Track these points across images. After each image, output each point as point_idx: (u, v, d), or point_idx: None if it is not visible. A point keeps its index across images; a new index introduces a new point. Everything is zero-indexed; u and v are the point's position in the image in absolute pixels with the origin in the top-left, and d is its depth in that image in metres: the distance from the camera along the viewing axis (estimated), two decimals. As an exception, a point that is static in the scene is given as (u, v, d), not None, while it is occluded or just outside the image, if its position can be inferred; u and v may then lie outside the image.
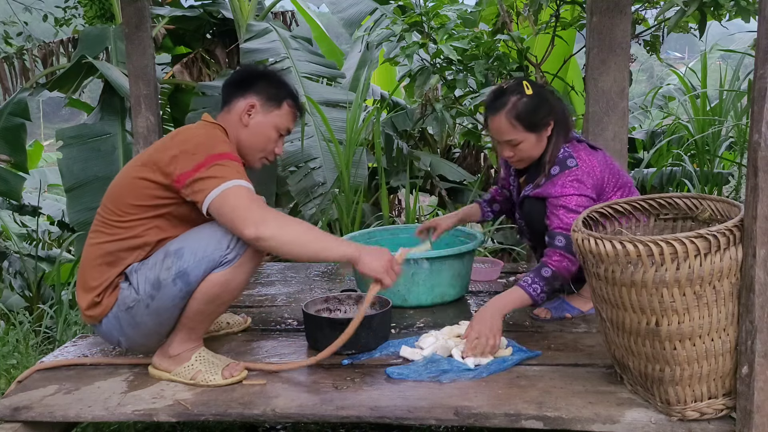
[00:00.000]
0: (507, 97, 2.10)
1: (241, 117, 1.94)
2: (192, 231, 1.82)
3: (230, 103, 1.96)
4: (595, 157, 2.17)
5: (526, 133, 2.11)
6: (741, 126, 4.19)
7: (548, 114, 2.13)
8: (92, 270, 1.85)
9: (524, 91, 2.09)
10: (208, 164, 1.73)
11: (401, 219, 4.78)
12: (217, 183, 1.72)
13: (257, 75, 1.99)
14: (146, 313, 1.80)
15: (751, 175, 1.43)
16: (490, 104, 2.14)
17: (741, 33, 4.80)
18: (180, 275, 1.75)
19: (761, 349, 1.45)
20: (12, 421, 1.77)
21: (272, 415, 1.69)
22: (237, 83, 1.98)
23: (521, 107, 2.08)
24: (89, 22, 5.53)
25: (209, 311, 1.84)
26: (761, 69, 1.40)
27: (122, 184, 1.87)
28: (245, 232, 1.69)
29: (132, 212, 1.82)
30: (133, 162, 1.91)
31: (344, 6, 5.11)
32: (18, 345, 2.94)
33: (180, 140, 1.82)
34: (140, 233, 1.82)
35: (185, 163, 1.75)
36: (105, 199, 1.89)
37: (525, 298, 2.04)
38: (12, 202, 4.69)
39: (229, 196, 1.71)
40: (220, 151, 1.77)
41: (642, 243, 1.47)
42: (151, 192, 1.81)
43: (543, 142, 2.15)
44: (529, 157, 2.18)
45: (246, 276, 1.83)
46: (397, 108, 5.04)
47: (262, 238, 1.69)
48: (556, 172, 2.13)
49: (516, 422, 1.61)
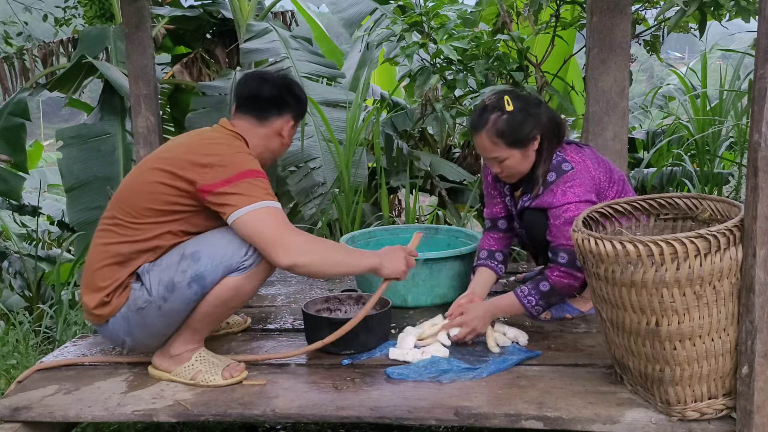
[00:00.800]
0: (488, 114, 2.05)
1: (280, 133, 1.99)
2: (208, 234, 1.82)
3: (265, 117, 1.96)
4: (587, 156, 2.13)
5: (509, 149, 2.05)
6: (741, 126, 4.19)
7: (533, 129, 2.05)
8: (101, 270, 1.83)
9: (504, 107, 2.04)
10: (239, 180, 1.75)
11: (401, 219, 4.77)
12: (247, 201, 1.74)
13: (289, 92, 2.00)
14: (157, 315, 1.80)
15: (751, 175, 1.43)
16: (472, 122, 2.11)
17: (741, 33, 4.80)
18: (196, 279, 1.76)
19: (761, 349, 1.45)
20: (12, 421, 1.77)
21: (272, 415, 1.69)
22: (275, 100, 1.97)
23: (501, 124, 2.02)
24: (89, 22, 5.53)
25: (217, 314, 1.85)
26: (761, 69, 1.40)
27: (138, 187, 1.85)
28: (281, 261, 1.73)
29: (147, 215, 1.82)
30: (150, 164, 1.88)
31: (344, 6, 5.11)
32: (18, 345, 2.94)
33: (206, 149, 1.81)
34: (153, 237, 1.82)
35: (214, 174, 1.76)
36: (117, 199, 1.88)
37: (518, 307, 2.07)
38: (12, 202, 4.68)
39: (258, 218, 1.73)
40: (250, 168, 1.80)
41: (642, 243, 1.47)
42: (170, 198, 1.80)
43: (530, 156, 2.09)
44: (518, 172, 2.12)
45: (258, 283, 1.85)
46: (397, 108, 5.04)
47: (298, 265, 1.75)
48: (553, 178, 2.07)
49: (516, 422, 1.61)
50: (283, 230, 1.75)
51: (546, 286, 2.03)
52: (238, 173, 1.76)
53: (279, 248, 1.73)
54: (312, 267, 1.77)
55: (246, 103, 1.97)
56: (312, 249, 1.78)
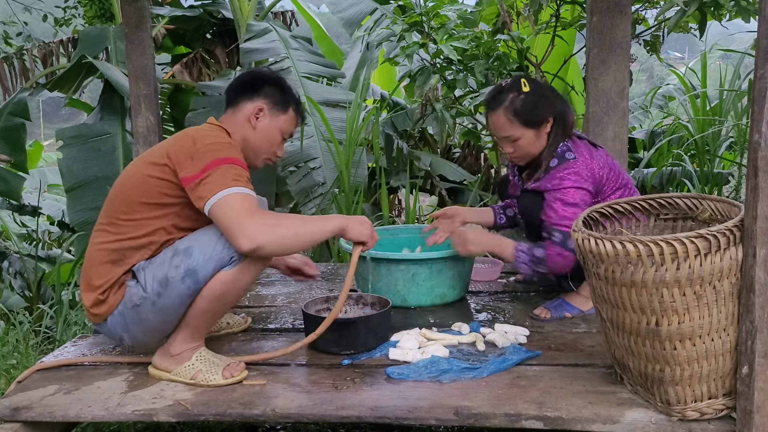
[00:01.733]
0: (505, 94, 2.16)
1: (249, 119, 1.96)
2: (200, 230, 1.83)
3: (237, 105, 1.98)
4: (596, 155, 2.19)
5: (523, 129, 2.16)
6: (741, 126, 4.19)
7: (546, 111, 2.17)
8: (97, 268, 1.85)
9: (521, 88, 2.15)
10: (211, 169, 1.75)
11: (401, 219, 4.78)
12: (215, 190, 1.73)
13: (266, 79, 2.01)
14: (152, 311, 1.81)
15: (751, 175, 1.43)
16: (489, 102, 2.21)
17: (741, 33, 4.80)
18: (189, 273, 1.76)
19: (761, 349, 1.45)
20: (12, 421, 1.77)
21: (272, 415, 1.69)
22: (245, 86, 2.00)
23: (518, 104, 2.14)
24: (89, 22, 5.53)
25: (214, 310, 1.85)
26: (761, 69, 1.40)
27: (130, 182, 1.88)
28: (242, 247, 1.71)
29: (140, 210, 1.83)
30: (141, 160, 1.92)
31: (344, 6, 5.11)
32: (18, 345, 2.94)
33: (188, 141, 1.83)
34: (147, 233, 1.83)
35: (192, 165, 1.77)
36: (111, 197, 1.91)
37: (509, 253, 2.19)
38: (12, 202, 4.69)
39: (224, 205, 1.72)
40: (225, 156, 1.78)
41: (642, 243, 1.47)
42: (159, 189, 1.82)
43: (542, 138, 2.19)
44: (528, 153, 2.22)
45: (253, 276, 1.84)
46: (397, 108, 5.04)
47: (260, 247, 1.71)
48: (554, 164, 2.16)
49: (516, 422, 1.61)
50: (242, 215, 1.71)
51: (541, 253, 2.11)
52: (210, 161, 1.76)
53: (238, 234, 1.70)
54: (277, 245, 1.75)
55: (227, 96, 2.02)
56: (272, 228, 1.73)
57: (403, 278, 2.41)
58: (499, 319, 2.29)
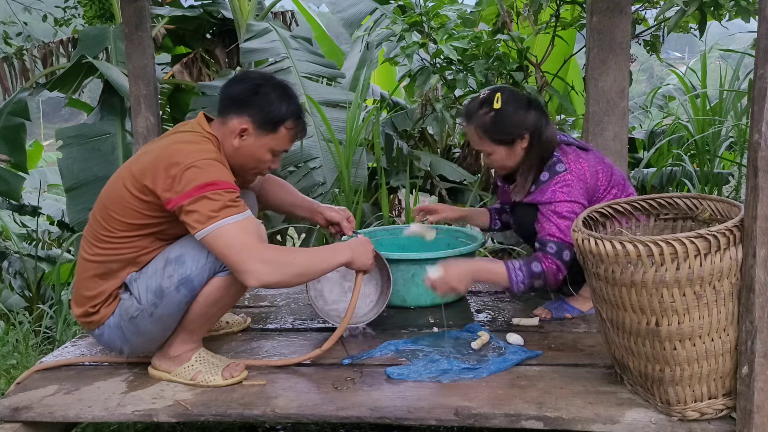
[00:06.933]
0: (477, 109, 2.13)
1: (234, 136, 1.84)
2: (189, 236, 1.76)
3: (225, 116, 1.86)
4: (585, 160, 2.14)
5: (494, 145, 2.14)
6: (741, 126, 4.19)
7: (519, 128, 2.10)
8: (86, 281, 1.84)
9: (493, 104, 2.09)
10: (198, 193, 1.66)
11: (401, 219, 4.77)
12: (205, 221, 1.66)
13: (258, 93, 1.85)
14: (150, 321, 1.80)
15: (751, 175, 1.43)
16: (464, 114, 2.20)
17: (741, 33, 4.80)
18: (183, 282, 1.75)
19: (761, 349, 1.45)
20: (12, 421, 1.77)
21: (272, 415, 1.69)
22: (234, 98, 1.86)
23: (487, 121, 2.11)
24: (89, 22, 5.54)
25: (211, 314, 1.85)
26: (761, 69, 1.40)
27: (111, 194, 1.81)
28: (250, 284, 1.70)
29: (120, 229, 1.79)
30: (126, 168, 1.82)
31: (344, 6, 5.11)
32: (18, 345, 2.94)
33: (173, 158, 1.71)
34: (132, 249, 1.80)
35: (174, 185, 1.69)
36: (94, 210, 1.85)
37: (503, 277, 2.03)
38: (12, 202, 4.69)
39: (218, 239, 1.66)
40: (209, 179, 1.68)
41: (642, 243, 1.47)
42: (141, 211, 1.76)
43: (517, 154, 2.15)
44: (504, 166, 2.21)
45: None
46: (397, 108, 5.04)
47: (268, 285, 1.72)
48: (546, 178, 2.11)
49: (516, 422, 1.61)
50: (243, 252, 1.66)
51: (538, 267, 2.04)
52: (194, 187, 1.67)
53: (243, 271, 1.67)
54: (282, 283, 1.76)
55: (219, 98, 1.90)
56: (278, 266, 1.71)
57: (403, 278, 2.41)
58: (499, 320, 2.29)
